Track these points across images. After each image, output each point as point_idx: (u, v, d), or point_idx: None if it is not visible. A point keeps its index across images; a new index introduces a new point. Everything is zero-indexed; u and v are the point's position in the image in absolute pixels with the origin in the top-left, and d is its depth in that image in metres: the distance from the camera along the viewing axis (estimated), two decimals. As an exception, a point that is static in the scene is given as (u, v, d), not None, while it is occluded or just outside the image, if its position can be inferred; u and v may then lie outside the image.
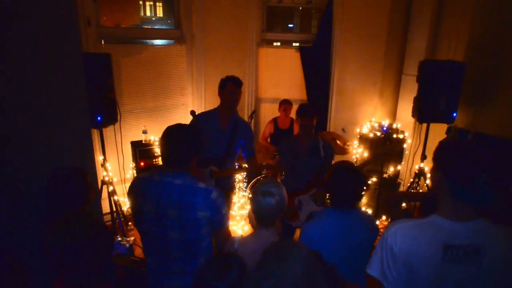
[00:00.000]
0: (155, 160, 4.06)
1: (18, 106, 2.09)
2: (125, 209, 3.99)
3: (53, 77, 2.21)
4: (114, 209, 3.66)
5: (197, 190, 1.81)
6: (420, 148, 3.97)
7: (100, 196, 3.38)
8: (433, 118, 3.73)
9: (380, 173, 4.11)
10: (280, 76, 5.11)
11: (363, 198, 4.27)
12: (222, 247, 1.88)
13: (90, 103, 2.53)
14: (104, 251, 1.41)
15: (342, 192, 1.95)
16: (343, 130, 4.86)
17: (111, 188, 3.60)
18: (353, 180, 1.95)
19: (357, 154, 4.55)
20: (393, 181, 4.45)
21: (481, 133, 3.43)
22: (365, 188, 3.92)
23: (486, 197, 1.26)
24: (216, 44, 4.64)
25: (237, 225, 4.22)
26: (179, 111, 4.77)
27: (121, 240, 2.99)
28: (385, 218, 4.30)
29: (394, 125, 4.54)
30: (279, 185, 1.82)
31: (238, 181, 4.44)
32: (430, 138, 3.85)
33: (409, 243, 1.35)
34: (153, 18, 10.02)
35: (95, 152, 3.51)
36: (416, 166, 4.05)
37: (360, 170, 2.31)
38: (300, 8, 5.61)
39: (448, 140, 1.48)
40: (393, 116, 4.94)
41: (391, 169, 4.39)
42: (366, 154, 4.37)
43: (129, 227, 3.95)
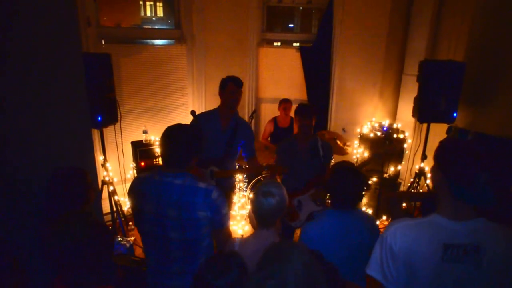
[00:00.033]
0: (156, 160, 4.06)
1: (18, 106, 2.09)
2: (126, 209, 3.99)
3: (53, 77, 2.21)
4: (115, 209, 3.66)
5: (197, 190, 1.81)
6: (421, 148, 3.97)
7: (101, 196, 3.39)
8: (434, 118, 3.73)
9: (381, 173, 4.11)
10: (281, 76, 5.11)
11: (364, 199, 4.27)
12: (223, 248, 1.88)
13: (90, 103, 2.53)
14: (104, 251, 1.41)
15: (342, 193, 1.96)
16: (344, 130, 4.86)
17: (112, 188, 3.60)
18: (354, 181, 1.95)
19: (358, 154, 4.55)
20: (394, 181, 4.44)
21: (481, 133, 3.43)
22: (366, 189, 3.91)
23: (486, 197, 1.26)
24: (217, 44, 4.64)
25: (238, 225, 4.22)
26: (180, 111, 4.77)
27: (122, 240, 2.99)
28: (386, 218, 4.30)
29: (395, 125, 4.54)
30: (280, 186, 1.81)
31: (239, 181, 4.44)
32: (431, 138, 3.85)
33: (409, 243, 1.35)
34: (154, 18, 10.03)
35: (96, 152, 3.51)
36: (417, 166, 4.05)
37: (360, 170, 2.31)
38: (301, 8, 5.61)
39: (449, 140, 1.47)
40: (394, 116, 4.94)
41: (392, 169, 4.39)
42: (367, 154, 4.36)
43: (130, 227, 3.95)
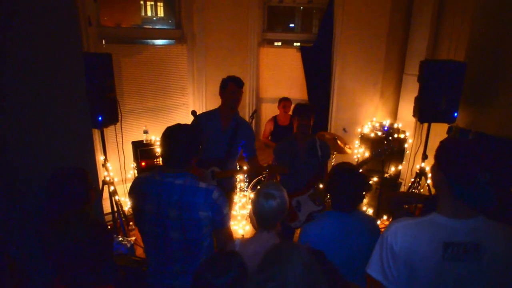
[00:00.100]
0: (156, 160, 4.06)
1: (18, 106, 2.09)
2: (126, 209, 4.00)
3: (54, 77, 2.21)
4: (115, 209, 3.66)
5: (198, 190, 1.81)
6: (421, 148, 3.97)
7: (101, 196, 3.39)
8: (434, 118, 3.73)
9: (381, 173, 4.11)
10: (281, 76, 5.11)
11: (364, 199, 4.27)
12: (224, 248, 1.88)
13: (91, 103, 2.53)
14: (104, 251, 1.41)
15: (342, 194, 1.95)
16: (344, 130, 4.86)
17: (112, 188, 3.61)
18: (354, 182, 1.94)
19: (358, 154, 4.55)
20: (394, 181, 4.44)
21: (482, 133, 3.43)
22: (367, 190, 3.90)
23: (487, 197, 1.26)
24: (217, 44, 4.64)
25: (238, 225, 4.22)
26: (180, 111, 4.77)
27: (122, 240, 2.99)
28: (386, 218, 4.29)
29: (395, 125, 4.53)
30: (281, 188, 1.80)
31: (239, 181, 4.44)
32: (431, 138, 3.85)
33: (410, 242, 1.35)
34: (154, 18, 10.03)
35: (96, 152, 3.51)
36: (417, 166, 4.05)
37: (360, 169, 2.31)
38: (301, 8, 5.61)
39: (449, 140, 1.47)
40: (394, 116, 4.93)
41: (392, 169, 4.39)
42: (367, 154, 4.36)
43: (130, 227, 3.96)
